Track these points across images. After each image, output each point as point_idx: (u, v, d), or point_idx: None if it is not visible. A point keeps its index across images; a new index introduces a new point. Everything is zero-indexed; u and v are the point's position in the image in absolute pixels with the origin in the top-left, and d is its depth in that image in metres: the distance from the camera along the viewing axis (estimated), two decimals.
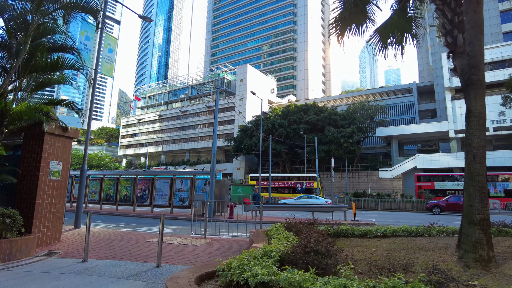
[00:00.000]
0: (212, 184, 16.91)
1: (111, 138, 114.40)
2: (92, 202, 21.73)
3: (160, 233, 5.62)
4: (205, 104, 75.02)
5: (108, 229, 10.25)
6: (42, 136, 7.20)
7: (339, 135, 51.70)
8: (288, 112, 58.09)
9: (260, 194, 17.28)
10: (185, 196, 18.64)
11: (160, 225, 5.67)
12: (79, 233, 8.90)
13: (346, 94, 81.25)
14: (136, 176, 20.54)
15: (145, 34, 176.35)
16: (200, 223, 14.01)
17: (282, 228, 6.91)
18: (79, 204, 9.71)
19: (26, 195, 7.07)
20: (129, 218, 16.42)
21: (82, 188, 9.75)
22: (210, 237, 8.97)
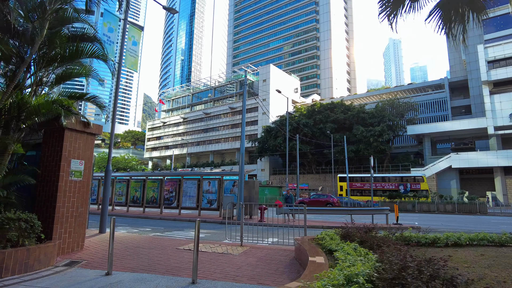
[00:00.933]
0: (241, 185, 15.99)
1: (137, 141, 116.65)
2: (119, 205, 21.38)
3: (195, 243, 4.68)
4: (228, 106, 74.68)
5: (134, 234, 9.51)
6: (62, 132, 6.49)
7: (368, 134, 49.67)
8: (313, 111, 56.54)
9: (293, 196, 16.16)
10: (213, 198, 17.83)
11: (195, 234, 4.72)
12: (104, 238, 8.17)
13: (373, 91, 78.55)
14: (163, 178, 19.97)
15: (168, 39, 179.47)
16: (230, 226, 13.12)
17: (335, 236, 5.82)
18: (104, 207, 9.03)
19: (46, 197, 6.38)
20: (156, 221, 15.78)
21: (107, 190, 9.08)
22: (247, 245, 7.99)
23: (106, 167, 9.00)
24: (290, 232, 10.95)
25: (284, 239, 9.03)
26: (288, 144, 54.10)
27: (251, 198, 16.75)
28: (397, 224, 15.37)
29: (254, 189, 16.81)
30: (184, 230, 11.84)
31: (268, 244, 8.74)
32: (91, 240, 7.89)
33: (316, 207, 19.37)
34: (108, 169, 9.01)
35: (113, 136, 9.31)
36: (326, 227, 14.15)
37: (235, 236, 9.21)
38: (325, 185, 56.84)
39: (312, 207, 15.86)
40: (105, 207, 9.02)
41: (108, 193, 9.09)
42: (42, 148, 6.74)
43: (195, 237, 4.70)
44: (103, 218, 8.88)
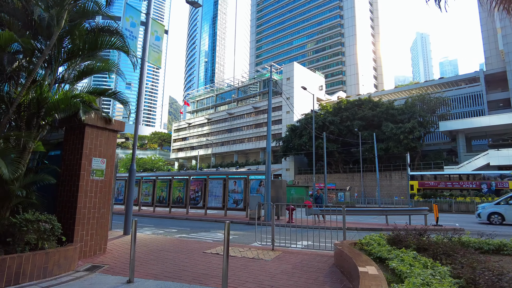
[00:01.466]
0: (268, 184, 15.38)
1: (164, 142, 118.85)
2: (145, 205, 21.39)
3: (225, 248, 4.12)
4: (252, 105, 74.36)
5: (159, 236, 9.12)
6: (82, 129, 6.15)
7: (398, 131, 47.66)
8: (339, 108, 55.04)
9: (323, 196, 15.36)
10: (239, 198, 17.34)
11: (224, 238, 4.16)
12: (129, 241, 7.81)
13: (402, 87, 75.62)
14: (189, 177, 19.73)
15: (192, 41, 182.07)
16: (258, 228, 12.55)
17: (382, 240, 5.08)
18: (128, 208, 8.70)
19: (67, 198, 6.05)
20: (182, 222, 15.49)
21: (131, 190, 8.75)
22: (279, 249, 7.37)
23: (130, 166, 8.66)
24: (322, 234, 10.22)
25: (318, 243, 8.33)
26: (314, 143, 53.03)
27: (279, 198, 16.11)
28: (437, 226, 14.23)
29: (282, 189, 16.16)
30: (210, 231, 11.39)
31: (301, 248, 8.09)
32: (114, 242, 7.54)
33: None
34: (132, 169, 8.68)
35: (137, 133, 8.99)
36: (361, 229, 13.28)
37: (265, 238, 8.61)
38: (353, 184, 55.22)
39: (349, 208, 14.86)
40: (129, 207, 8.70)
41: (132, 193, 8.77)
42: (63, 146, 6.44)
43: (224, 241, 4.14)
44: (127, 219, 8.56)
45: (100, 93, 7.14)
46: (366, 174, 53.58)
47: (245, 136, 76.32)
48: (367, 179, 53.88)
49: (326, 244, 7.34)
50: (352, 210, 15.38)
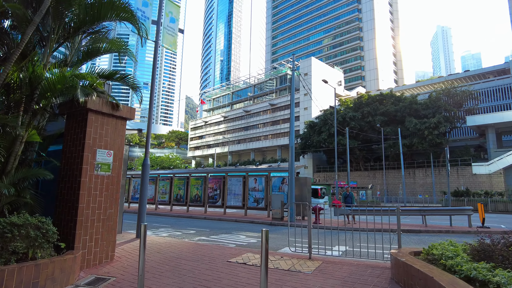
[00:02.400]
0: (292, 182, 14.23)
1: (181, 141, 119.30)
2: (162, 203, 20.65)
3: (263, 261, 3.02)
4: (268, 102, 73.13)
5: (176, 240, 8.14)
6: (85, 116, 5.20)
7: (423, 126, 45.46)
8: (360, 103, 53.12)
9: (353, 194, 14.09)
10: (260, 196, 16.27)
11: (262, 254, 3.05)
12: (147, 246, 6.82)
13: (425, 81, 72.75)
14: (207, 175, 18.80)
15: (207, 40, 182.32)
16: (281, 228, 11.45)
17: (461, 252, 3.88)
18: (141, 207, 7.75)
19: (67, 196, 5.12)
20: (200, 221, 14.56)
21: (144, 187, 7.78)
22: (317, 257, 6.24)
23: (144, 161, 7.71)
24: (356, 237, 9.04)
25: (359, 249, 7.15)
26: (336, 138, 51.30)
27: (303, 197, 14.94)
28: (484, 227, 12.73)
29: (306, 186, 14.97)
30: (232, 233, 10.35)
31: (341, 256, 6.93)
32: (124, 248, 6.59)
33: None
34: (145, 163, 7.72)
35: (151, 124, 8.03)
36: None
37: (295, 243, 7.48)
38: (374, 182, 53.33)
39: (363, 207, 13.64)
40: (142, 206, 7.74)
41: (145, 191, 7.81)
42: (64, 137, 5.52)
43: (262, 255, 3.04)
44: (141, 220, 7.62)
45: (107, 76, 6.19)
46: (389, 172, 51.57)
47: (261, 134, 75.24)
48: (389, 176, 51.85)
49: (367, 250, 6.14)
50: (386, 209, 14.00)
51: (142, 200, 7.71)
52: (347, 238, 9.38)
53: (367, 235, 9.78)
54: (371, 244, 7.90)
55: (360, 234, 9.44)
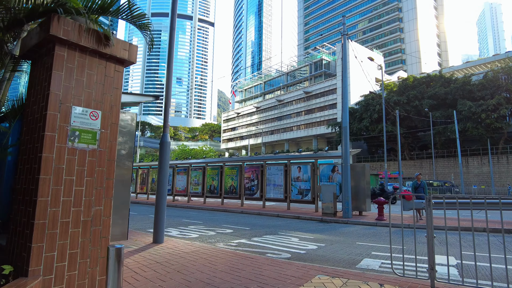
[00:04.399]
0: (346, 170, 11.69)
1: (214, 133, 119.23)
2: (195, 195, 18.88)
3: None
4: (303, 90, 69.92)
5: (209, 246, 6.00)
6: (52, 51, 3.10)
7: (479, 109, 40.54)
8: (405, 86, 48.70)
9: (425, 183, 11.30)
10: (306, 187, 13.88)
11: None
12: (158, 258, 4.66)
13: (477, 61, 65.99)
14: (242, 163, 16.70)
15: (238, 31, 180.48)
16: (336, 227, 9.04)
17: None
18: (159, 201, 5.64)
19: (25, 185, 3.08)
20: (237, 216, 12.47)
21: (163, 173, 5.64)
22: (443, 286, 3.80)
23: (162, 138, 5.63)
24: (452, 241, 6.46)
25: (485, 263, 4.61)
26: (377, 127, 47.52)
27: (360, 189, 12.36)
28: None
29: (364, 176, 12.35)
30: (278, 233, 8.10)
31: (446, 279, 4.44)
32: (131, 262, 4.52)
33: None
34: (164, 141, 5.61)
35: (170, 95, 5.91)
36: (493, 230, 9.15)
37: (363, 248, 5.05)
38: (422, 172, 48.85)
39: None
40: (161, 201, 5.63)
41: (164, 178, 5.69)
42: (27, 92, 3.48)
43: None
44: (159, 219, 5.56)
45: (101, 7, 4.02)
46: (437, 161, 47.05)
47: (296, 124, 72.39)
48: (438, 166, 47.31)
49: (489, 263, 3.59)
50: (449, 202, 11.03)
51: (160, 191, 5.63)
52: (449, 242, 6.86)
53: (442, 233, 7.20)
54: (496, 254, 5.32)
55: (446, 233, 6.87)
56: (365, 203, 12.14)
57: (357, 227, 9.77)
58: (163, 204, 5.66)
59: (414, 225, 4.17)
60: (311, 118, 68.71)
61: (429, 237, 3.78)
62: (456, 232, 8.48)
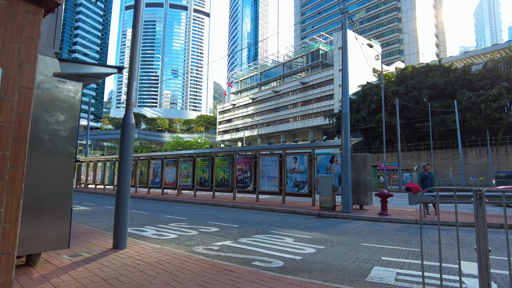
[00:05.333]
0: (346, 160, 10.68)
1: (209, 125, 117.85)
2: (185, 188, 17.83)
3: None
4: (299, 81, 68.60)
5: (182, 253, 4.93)
6: None
7: (478, 99, 39.63)
8: (404, 76, 47.64)
9: (433, 174, 10.31)
10: (302, 179, 12.86)
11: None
12: (110, 272, 3.47)
13: (476, 51, 64.95)
14: (234, 154, 15.64)
15: (233, 21, 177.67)
16: (336, 223, 8.03)
17: None
18: (120, 199, 4.51)
19: None
20: (228, 211, 11.45)
21: (125, 162, 4.53)
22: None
23: (124, 119, 4.51)
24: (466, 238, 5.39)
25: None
26: (374, 118, 46.54)
27: (361, 181, 11.36)
28: None
29: (365, 167, 11.34)
30: (271, 231, 7.08)
31: None
32: (75, 274, 3.43)
33: None
34: (126, 123, 4.49)
35: (134, 67, 4.78)
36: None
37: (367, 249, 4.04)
38: (419, 163, 48.18)
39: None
40: (122, 197, 4.48)
41: (127, 169, 4.56)
42: None
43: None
44: (120, 219, 4.46)
45: None
46: (435, 152, 46.33)
47: (292, 115, 71.28)
48: (436, 157, 46.62)
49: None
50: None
51: (121, 185, 4.53)
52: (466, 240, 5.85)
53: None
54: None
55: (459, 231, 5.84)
56: (366, 196, 11.17)
57: (359, 223, 8.79)
58: (125, 200, 4.57)
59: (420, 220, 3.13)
60: (307, 109, 67.62)
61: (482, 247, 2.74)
62: (464, 229, 7.52)
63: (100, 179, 24.14)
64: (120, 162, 4.57)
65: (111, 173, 23.01)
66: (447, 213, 10.42)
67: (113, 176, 22.76)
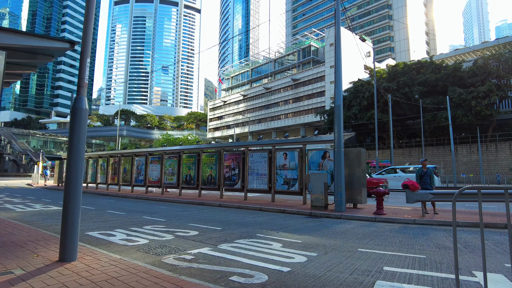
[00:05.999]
0: (340, 156, 9.98)
1: (200, 122, 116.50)
2: (170, 186, 16.94)
3: None
4: (291, 77, 67.95)
5: (143, 266, 4.14)
6: None
7: (469, 96, 39.48)
8: (395, 73, 47.32)
9: (432, 170, 9.67)
10: (293, 177, 12.14)
11: None
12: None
13: (466, 48, 65.21)
14: (221, 150, 14.83)
15: (224, 18, 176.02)
16: (329, 223, 7.31)
17: None
18: (69, 200, 3.63)
19: None
20: (213, 211, 10.66)
21: (75, 155, 3.64)
22: None
23: (74, 103, 3.66)
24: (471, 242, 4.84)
25: None
26: (366, 115, 46.19)
27: (355, 178, 10.67)
28: None
29: (360, 163, 10.66)
30: (257, 235, 6.32)
31: None
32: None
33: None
34: (77, 107, 3.60)
35: (88, 42, 3.92)
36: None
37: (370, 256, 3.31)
38: (410, 161, 48.08)
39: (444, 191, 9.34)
40: (72, 198, 3.58)
41: (77, 163, 3.70)
42: None
43: None
44: (68, 224, 3.62)
45: None
46: (426, 149, 46.28)
47: (283, 112, 70.63)
48: (427, 154, 46.55)
49: None
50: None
51: (70, 183, 3.67)
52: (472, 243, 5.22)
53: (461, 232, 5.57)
54: None
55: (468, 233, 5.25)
56: (360, 194, 10.49)
57: (354, 224, 8.09)
58: (75, 202, 3.74)
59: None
60: (299, 106, 67.06)
61: None
62: (467, 229, 6.88)
63: (83, 177, 23.04)
64: (69, 156, 3.73)
65: (94, 171, 21.98)
66: (448, 212, 9.82)
67: (96, 174, 21.75)
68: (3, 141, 63.87)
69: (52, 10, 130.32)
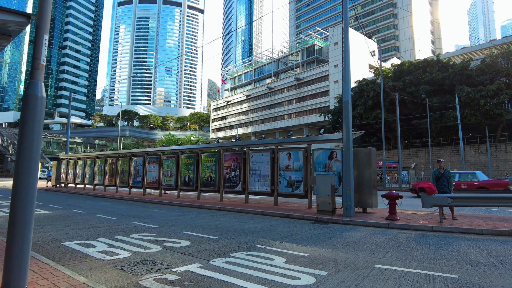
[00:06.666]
0: (348, 156, 9.18)
1: (203, 123, 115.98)
2: (169, 188, 16.20)
3: None
4: (294, 77, 67.10)
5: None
6: None
7: (478, 95, 38.40)
8: (401, 72, 46.33)
9: (450, 173, 8.81)
10: (297, 178, 11.35)
11: None
12: None
13: (473, 47, 64.06)
14: (221, 150, 14.07)
15: (227, 18, 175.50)
16: (337, 230, 6.51)
17: None
18: (18, 210, 2.91)
19: None
20: (211, 215, 9.90)
21: (26, 155, 2.93)
22: None
23: (27, 89, 2.96)
24: None
25: None
26: (371, 115, 45.24)
27: (364, 180, 9.87)
28: None
29: (370, 164, 9.85)
30: (256, 245, 5.55)
31: None
32: None
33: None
34: (30, 94, 2.88)
35: (45, 12, 3.30)
36: None
37: None
38: (417, 161, 47.10)
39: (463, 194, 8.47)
40: (21, 208, 2.80)
41: (30, 165, 2.95)
42: None
43: None
44: (15, 242, 2.85)
45: None
46: (433, 149, 45.25)
47: (287, 112, 69.79)
48: (434, 155, 45.50)
49: None
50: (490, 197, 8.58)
51: (18, 189, 2.91)
52: None
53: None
54: None
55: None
56: (371, 198, 9.68)
57: (365, 231, 7.30)
58: (26, 210, 2.94)
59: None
60: (302, 106, 66.20)
61: None
62: (494, 238, 6.01)
63: (80, 178, 22.44)
64: (19, 154, 2.99)
65: (92, 171, 21.33)
66: (468, 217, 8.99)
67: (93, 174, 21.10)
68: (6, 142, 63.67)
69: (55, 11, 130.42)
